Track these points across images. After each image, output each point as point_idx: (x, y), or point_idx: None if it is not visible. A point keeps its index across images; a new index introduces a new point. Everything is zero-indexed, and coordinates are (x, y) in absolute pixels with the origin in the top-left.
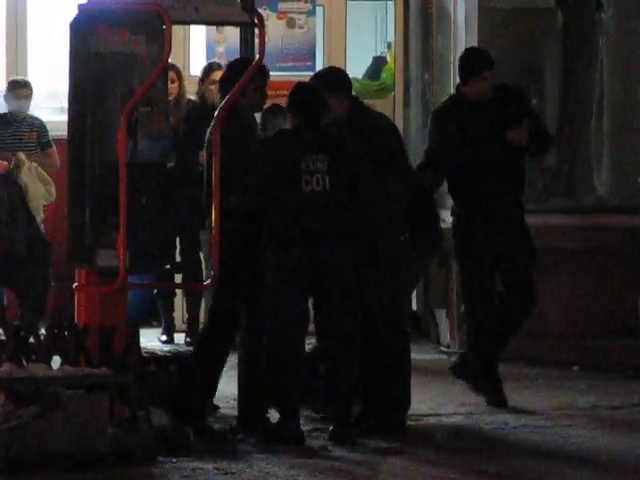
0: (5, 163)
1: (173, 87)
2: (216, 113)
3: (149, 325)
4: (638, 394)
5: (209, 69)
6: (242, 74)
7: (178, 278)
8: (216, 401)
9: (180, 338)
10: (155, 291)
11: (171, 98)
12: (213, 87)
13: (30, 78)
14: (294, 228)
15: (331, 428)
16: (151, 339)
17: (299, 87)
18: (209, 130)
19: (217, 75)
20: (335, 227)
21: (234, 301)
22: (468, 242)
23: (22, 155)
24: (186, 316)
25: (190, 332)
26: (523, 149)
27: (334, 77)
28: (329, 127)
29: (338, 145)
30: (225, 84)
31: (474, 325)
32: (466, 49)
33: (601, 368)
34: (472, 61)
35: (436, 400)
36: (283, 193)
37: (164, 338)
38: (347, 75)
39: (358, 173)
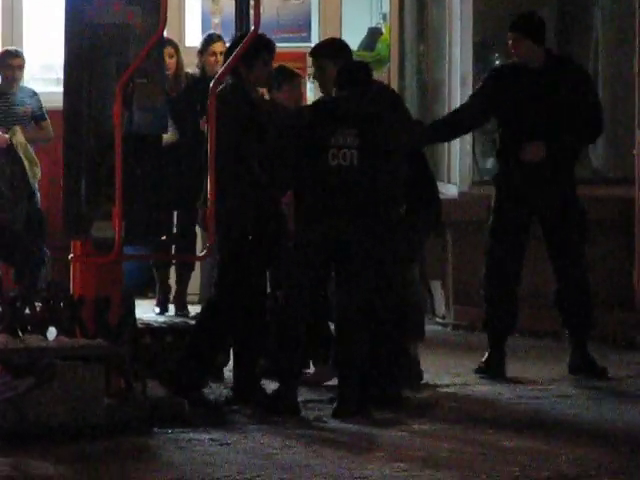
0: (6, 136)
1: (171, 62)
2: (211, 83)
3: (144, 296)
4: (631, 365)
5: (209, 40)
6: (248, 48)
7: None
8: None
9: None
10: (151, 261)
11: (170, 73)
12: (213, 59)
13: (25, 49)
14: (318, 201)
15: (335, 404)
16: (146, 310)
17: (349, 65)
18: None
19: (217, 47)
20: (359, 202)
21: (242, 275)
22: (500, 213)
23: (17, 129)
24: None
25: (178, 304)
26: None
27: (335, 45)
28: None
29: (371, 121)
30: (228, 56)
31: (487, 298)
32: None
33: (595, 339)
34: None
35: (432, 371)
36: (310, 165)
37: (157, 310)
38: (346, 44)
39: (390, 151)
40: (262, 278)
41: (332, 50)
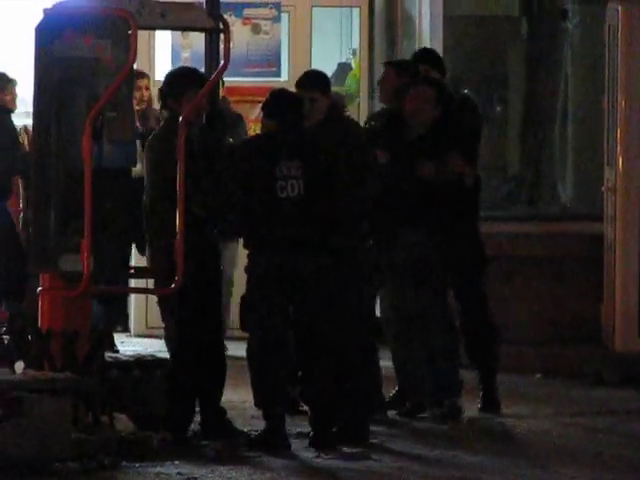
0: None
1: (147, 94)
2: (180, 119)
3: (113, 330)
4: (599, 401)
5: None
6: (182, 83)
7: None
8: None
9: (139, 342)
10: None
11: (145, 106)
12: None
13: None
14: (268, 234)
15: (311, 435)
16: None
17: (279, 92)
18: (150, 138)
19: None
20: (309, 233)
21: (198, 309)
22: None
23: None
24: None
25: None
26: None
27: (323, 78)
28: (310, 128)
29: (313, 150)
30: (165, 94)
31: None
32: None
33: (564, 375)
34: None
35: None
36: (258, 199)
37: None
38: (325, 75)
39: (333, 178)
40: (215, 313)
41: (323, 82)
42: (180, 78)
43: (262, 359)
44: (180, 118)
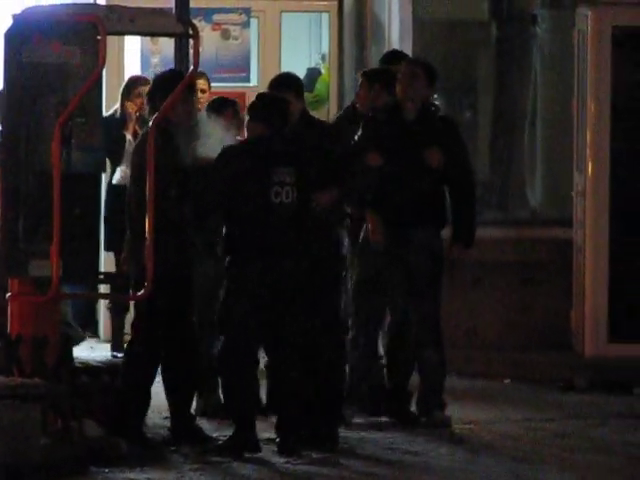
0: None
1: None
2: (150, 124)
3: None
4: (569, 406)
5: (131, 84)
6: (169, 87)
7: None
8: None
9: (108, 348)
10: (109, 306)
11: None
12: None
13: None
14: (259, 239)
15: (278, 440)
16: (84, 349)
17: (265, 96)
18: (135, 143)
19: (200, 84)
20: (299, 239)
21: (157, 314)
22: None
23: None
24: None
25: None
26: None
27: (297, 80)
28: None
29: (302, 156)
30: (151, 97)
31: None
32: None
33: (533, 381)
34: None
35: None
36: (251, 204)
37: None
38: (299, 79)
39: (316, 183)
40: (187, 321)
41: (297, 84)
42: (169, 81)
43: (235, 364)
44: (166, 122)
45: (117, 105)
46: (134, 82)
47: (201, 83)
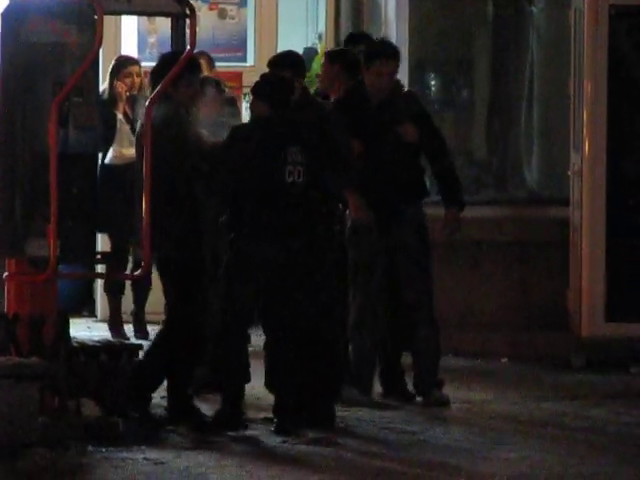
0: None
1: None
2: (146, 104)
3: (79, 315)
4: (566, 385)
5: (126, 63)
6: (172, 67)
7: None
8: None
9: (105, 327)
10: (104, 287)
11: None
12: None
13: None
14: (269, 219)
15: (275, 420)
16: (81, 329)
17: (270, 76)
18: (139, 122)
19: (134, 69)
20: (307, 219)
21: (193, 299)
22: None
23: None
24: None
25: (136, 325)
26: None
27: (298, 60)
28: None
29: (310, 135)
30: (156, 76)
31: None
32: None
33: (530, 360)
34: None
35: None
36: (264, 183)
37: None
38: (301, 58)
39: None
40: (199, 299)
41: (297, 63)
42: (171, 62)
43: (228, 340)
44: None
45: (105, 85)
46: (123, 62)
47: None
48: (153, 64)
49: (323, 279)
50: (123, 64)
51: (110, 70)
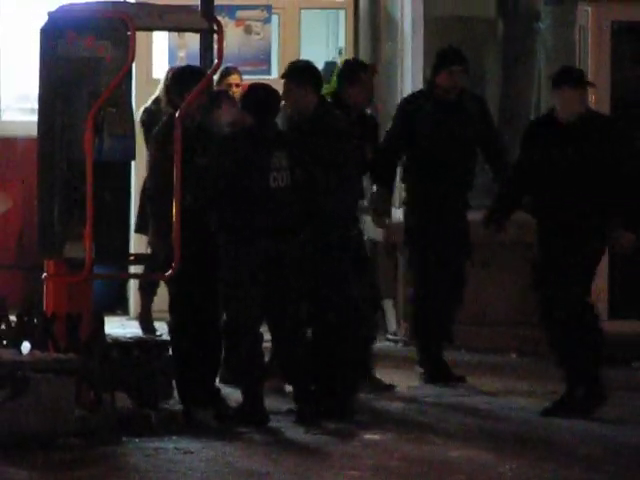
0: None
1: (237, 91)
2: (177, 114)
3: (113, 313)
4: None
5: (225, 73)
6: (186, 81)
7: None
8: None
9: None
10: (140, 287)
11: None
12: (230, 90)
13: (2, 81)
14: (259, 223)
15: (296, 411)
16: (115, 326)
17: (253, 87)
18: (153, 134)
19: (233, 79)
20: (295, 222)
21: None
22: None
23: None
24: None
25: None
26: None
27: (299, 69)
28: (292, 120)
29: (295, 141)
30: (169, 91)
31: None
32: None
33: (537, 355)
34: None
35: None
36: (251, 189)
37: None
38: (316, 70)
39: (314, 169)
40: (210, 293)
41: (296, 73)
42: (184, 76)
43: (241, 336)
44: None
45: (157, 94)
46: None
47: (235, 78)
48: None
49: (334, 278)
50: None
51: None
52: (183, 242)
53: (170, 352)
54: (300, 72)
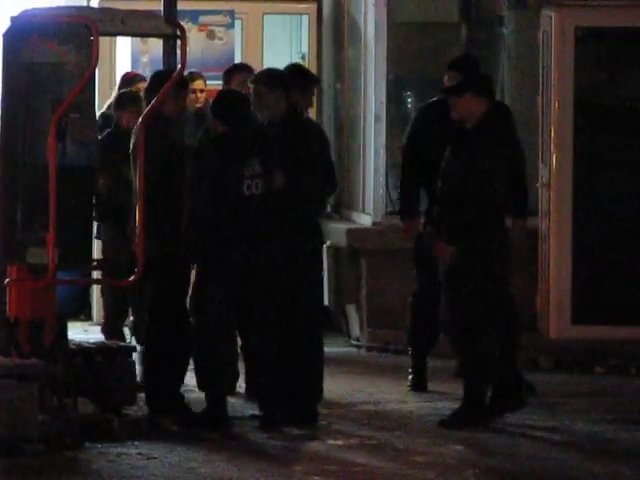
0: None
1: (202, 96)
2: (139, 123)
3: (76, 319)
4: (536, 385)
5: (189, 78)
6: (164, 84)
7: None
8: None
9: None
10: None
11: (200, 106)
12: (193, 96)
13: None
14: (234, 230)
15: (260, 416)
16: (78, 332)
17: (223, 94)
18: (133, 141)
19: (197, 84)
20: (267, 228)
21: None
22: None
23: None
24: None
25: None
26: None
27: (270, 75)
28: (263, 126)
29: (267, 148)
30: (150, 93)
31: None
32: None
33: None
34: None
35: (347, 390)
36: (227, 197)
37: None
38: (284, 75)
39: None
40: (182, 300)
41: (269, 79)
42: (162, 79)
43: (211, 343)
44: (161, 116)
45: (111, 100)
46: (130, 80)
47: (199, 84)
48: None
49: (300, 282)
50: (131, 80)
51: (118, 86)
52: (166, 243)
53: (132, 358)
54: (271, 78)
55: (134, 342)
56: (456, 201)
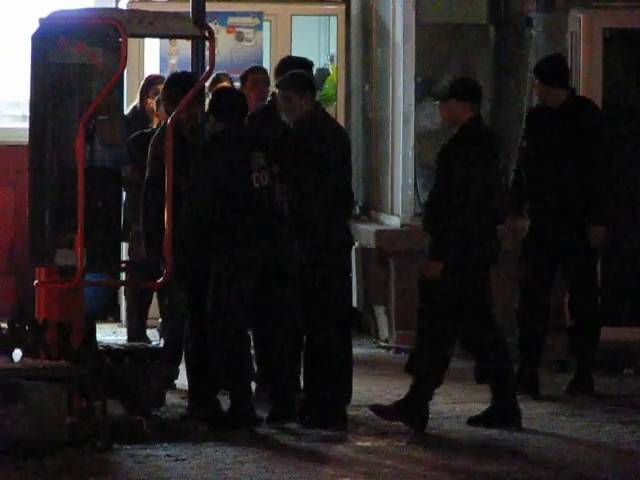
0: None
1: None
2: (168, 122)
3: (105, 320)
4: (562, 386)
5: (216, 80)
6: (178, 88)
7: None
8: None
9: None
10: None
11: None
12: None
13: None
14: (249, 224)
15: (271, 409)
16: (107, 333)
17: (222, 92)
18: (151, 142)
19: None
20: (280, 221)
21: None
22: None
23: None
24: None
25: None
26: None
27: (299, 79)
28: (289, 128)
29: (268, 141)
30: (168, 95)
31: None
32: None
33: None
34: None
35: (374, 392)
36: (237, 191)
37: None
38: (311, 79)
39: (296, 172)
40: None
41: (300, 85)
42: (176, 84)
43: (231, 342)
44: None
45: (136, 102)
46: (152, 81)
47: (226, 84)
48: None
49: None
50: (152, 82)
51: (140, 88)
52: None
53: (159, 359)
54: (302, 84)
55: (162, 343)
56: (431, 210)
